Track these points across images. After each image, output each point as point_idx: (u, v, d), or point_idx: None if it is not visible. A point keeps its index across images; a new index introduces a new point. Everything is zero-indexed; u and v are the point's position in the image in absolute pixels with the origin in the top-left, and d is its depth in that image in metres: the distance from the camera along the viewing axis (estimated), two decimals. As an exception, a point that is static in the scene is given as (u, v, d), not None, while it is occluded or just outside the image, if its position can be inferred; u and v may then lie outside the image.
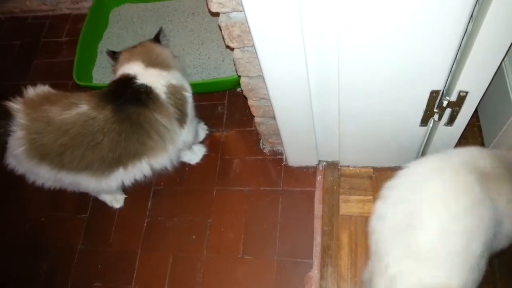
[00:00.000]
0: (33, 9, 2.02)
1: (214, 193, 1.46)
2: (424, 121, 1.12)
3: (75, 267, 1.43)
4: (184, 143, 1.32)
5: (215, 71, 1.63)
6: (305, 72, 1.01)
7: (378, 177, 1.36)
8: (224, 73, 1.60)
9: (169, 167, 1.31)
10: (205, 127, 1.57)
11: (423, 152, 1.30)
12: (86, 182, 1.22)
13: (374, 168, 1.38)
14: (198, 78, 1.62)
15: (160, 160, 1.25)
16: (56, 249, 1.48)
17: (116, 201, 1.50)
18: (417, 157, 1.32)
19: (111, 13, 1.88)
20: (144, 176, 1.27)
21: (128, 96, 1.17)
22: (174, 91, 1.23)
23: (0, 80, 1.86)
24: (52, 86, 1.77)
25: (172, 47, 1.72)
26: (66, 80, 1.76)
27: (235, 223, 1.39)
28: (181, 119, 1.25)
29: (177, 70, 1.28)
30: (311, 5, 0.85)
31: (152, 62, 1.24)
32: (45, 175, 1.19)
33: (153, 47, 1.30)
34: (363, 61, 0.96)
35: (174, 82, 1.24)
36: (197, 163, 1.52)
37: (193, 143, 1.46)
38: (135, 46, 1.32)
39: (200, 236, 1.39)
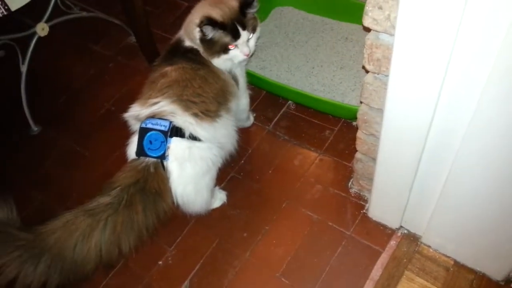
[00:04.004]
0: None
1: (284, 205, 1.42)
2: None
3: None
4: (241, 106, 1.44)
5: (340, 96, 1.60)
6: (428, 123, 0.94)
7: (456, 273, 1.20)
8: (348, 102, 1.56)
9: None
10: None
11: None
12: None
13: (456, 262, 1.22)
14: (322, 96, 1.61)
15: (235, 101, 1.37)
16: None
17: (220, 199, 1.46)
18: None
19: (273, 10, 1.96)
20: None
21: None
22: None
23: (157, 29, 2.04)
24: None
25: (313, 61, 1.74)
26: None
27: (288, 242, 1.34)
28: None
29: None
30: (464, 61, 0.79)
31: None
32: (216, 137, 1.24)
33: None
34: (492, 137, 0.86)
35: None
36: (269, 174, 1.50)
37: (246, 119, 1.59)
38: None
39: (251, 237, 1.36)
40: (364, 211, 1.37)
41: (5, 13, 1.41)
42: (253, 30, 1.27)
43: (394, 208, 1.25)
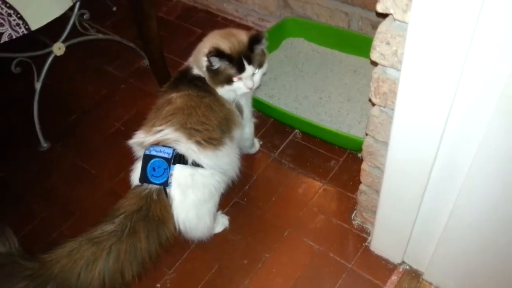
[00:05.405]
0: (226, 12, 2.26)
1: (286, 233, 1.41)
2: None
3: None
4: (244, 134, 1.47)
5: (347, 128, 1.61)
6: (433, 158, 0.94)
7: (458, 312, 1.18)
8: (354, 134, 1.57)
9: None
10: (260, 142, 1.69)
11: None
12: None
13: (458, 301, 1.20)
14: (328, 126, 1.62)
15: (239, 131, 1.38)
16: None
17: (222, 223, 1.46)
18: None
19: (284, 40, 2.00)
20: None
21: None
22: None
23: (170, 54, 2.10)
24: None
25: (321, 91, 1.77)
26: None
27: (288, 272, 1.32)
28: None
29: None
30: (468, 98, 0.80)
31: None
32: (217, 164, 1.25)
33: None
34: (496, 173, 0.86)
35: None
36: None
37: (250, 146, 1.61)
38: None
39: (251, 264, 1.35)
40: (366, 244, 1.35)
41: (25, 32, 1.46)
42: (260, 66, 1.29)
43: (396, 242, 1.24)
